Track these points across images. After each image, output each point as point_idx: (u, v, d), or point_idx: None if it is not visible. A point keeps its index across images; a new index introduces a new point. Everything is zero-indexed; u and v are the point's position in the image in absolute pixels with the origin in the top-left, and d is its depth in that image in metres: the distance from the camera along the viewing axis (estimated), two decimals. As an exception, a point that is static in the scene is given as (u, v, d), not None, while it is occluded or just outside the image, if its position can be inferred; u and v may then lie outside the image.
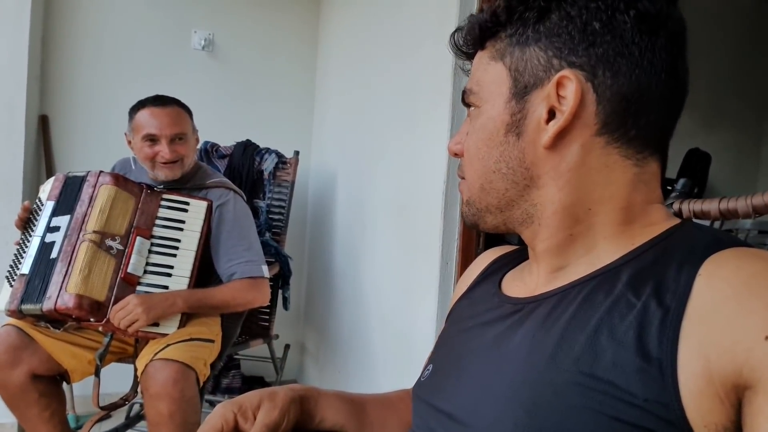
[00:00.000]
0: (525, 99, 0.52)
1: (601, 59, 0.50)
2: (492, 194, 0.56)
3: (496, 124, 0.54)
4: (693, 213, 0.72)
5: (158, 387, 1.33)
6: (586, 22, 0.50)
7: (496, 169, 0.54)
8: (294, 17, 2.60)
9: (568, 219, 0.53)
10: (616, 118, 0.50)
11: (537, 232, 0.55)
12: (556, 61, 0.51)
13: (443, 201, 1.41)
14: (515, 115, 0.53)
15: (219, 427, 0.62)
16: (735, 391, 0.40)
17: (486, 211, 0.57)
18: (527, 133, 0.52)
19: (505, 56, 0.54)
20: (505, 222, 0.57)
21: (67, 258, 1.42)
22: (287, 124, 2.60)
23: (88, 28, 2.31)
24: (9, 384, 1.43)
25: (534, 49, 0.52)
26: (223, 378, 2.29)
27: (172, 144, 1.60)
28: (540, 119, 0.52)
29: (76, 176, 1.57)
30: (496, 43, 0.55)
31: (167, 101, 1.65)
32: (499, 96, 0.54)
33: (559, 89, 0.50)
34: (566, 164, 0.52)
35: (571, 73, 0.50)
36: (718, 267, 0.44)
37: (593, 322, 0.47)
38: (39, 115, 2.24)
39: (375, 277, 1.86)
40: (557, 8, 0.51)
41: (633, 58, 0.49)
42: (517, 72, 0.53)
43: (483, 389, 0.53)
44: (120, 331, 1.43)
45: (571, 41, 0.50)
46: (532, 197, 0.54)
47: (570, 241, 0.53)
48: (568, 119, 0.50)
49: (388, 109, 1.80)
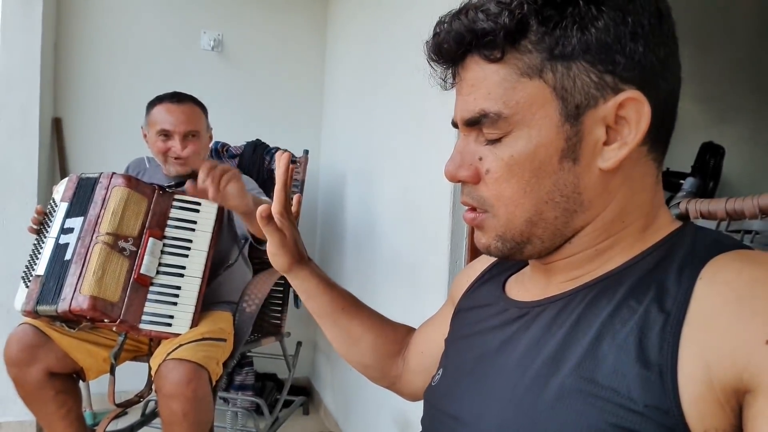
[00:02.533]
0: (579, 121, 0.48)
1: (650, 70, 0.47)
2: (540, 225, 0.51)
3: (548, 151, 0.48)
4: (700, 213, 0.72)
5: (171, 387, 1.35)
6: (633, 31, 0.46)
7: (549, 200, 0.50)
8: (303, 17, 2.60)
9: (602, 234, 0.51)
10: (658, 125, 0.49)
11: (564, 251, 0.53)
12: (609, 77, 0.46)
13: (451, 200, 1.41)
14: (570, 139, 0.48)
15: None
16: (735, 396, 0.40)
17: (527, 243, 0.52)
18: (584, 157, 0.48)
19: (545, 72, 0.47)
20: (541, 252, 0.53)
21: (81, 260, 1.44)
22: (296, 124, 2.61)
23: (99, 32, 2.34)
24: (26, 382, 1.46)
25: (581, 63, 0.46)
26: (236, 375, 2.31)
27: (185, 140, 1.64)
28: (597, 141, 0.48)
29: (89, 178, 1.59)
30: (523, 56, 0.48)
31: (183, 98, 1.68)
32: (546, 119, 0.48)
33: (620, 109, 0.47)
34: (617, 180, 0.49)
35: (637, 95, 0.46)
36: (719, 271, 0.43)
37: (595, 328, 0.47)
38: (52, 117, 2.28)
39: (385, 275, 1.87)
40: (600, 16, 0.46)
41: (668, 63, 0.48)
42: (565, 91, 0.47)
43: (489, 393, 0.53)
44: (133, 330, 1.46)
45: (621, 53, 0.46)
46: (576, 222, 0.51)
47: (594, 255, 0.52)
48: (639, 141, 0.47)
49: (397, 108, 1.80)
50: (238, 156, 2.21)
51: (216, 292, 1.69)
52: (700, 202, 0.73)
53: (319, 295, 0.79)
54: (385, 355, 0.81)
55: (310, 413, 2.52)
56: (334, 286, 0.81)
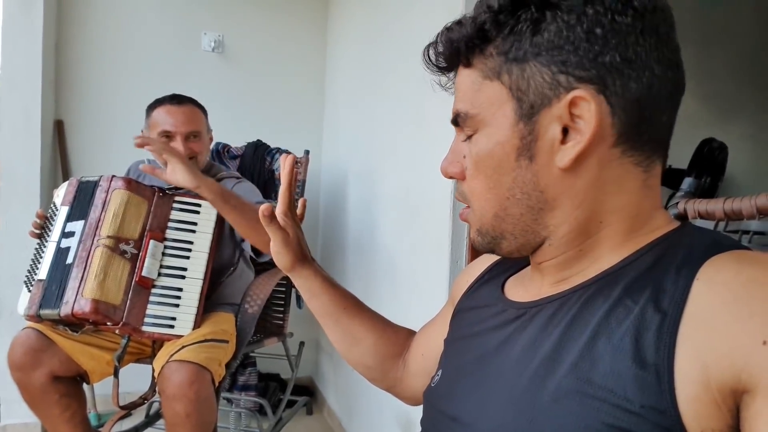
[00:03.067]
0: (533, 120, 0.49)
1: (609, 69, 0.47)
2: (507, 221, 0.53)
3: (505, 149, 0.51)
4: (698, 213, 0.72)
5: (174, 388, 1.35)
6: (587, 30, 0.46)
7: (510, 196, 0.52)
8: (303, 18, 2.60)
9: (579, 236, 0.52)
10: (632, 126, 0.48)
11: (546, 252, 0.54)
12: (562, 77, 0.47)
13: (451, 200, 1.41)
14: (525, 138, 0.50)
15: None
16: (732, 396, 0.40)
17: (501, 238, 0.55)
18: (540, 156, 0.50)
19: (502, 74, 0.50)
20: (519, 248, 0.55)
21: (83, 263, 1.45)
22: (297, 124, 2.61)
23: (101, 34, 2.34)
24: (30, 386, 1.47)
25: (534, 64, 0.48)
26: (239, 375, 2.32)
27: (187, 141, 1.64)
28: (554, 140, 0.49)
29: (89, 181, 1.59)
30: (486, 60, 0.51)
31: (183, 100, 1.69)
32: (503, 118, 0.50)
33: (572, 108, 0.48)
34: (583, 181, 0.49)
35: (584, 93, 0.47)
36: (716, 271, 0.43)
37: (591, 327, 0.47)
38: (54, 120, 2.29)
39: (386, 275, 1.87)
40: (553, 18, 0.47)
41: (640, 61, 0.47)
42: (520, 91, 0.49)
43: (487, 394, 0.53)
44: (135, 332, 1.46)
45: (575, 53, 0.47)
46: (546, 220, 0.52)
47: (578, 255, 0.53)
48: (589, 140, 0.47)
49: (397, 109, 1.80)
50: (239, 157, 2.22)
51: (218, 293, 1.70)
52: (698, 203, 0.73)
53: (321, 295, 0.80)
54: (385, 356, 0.81)
55: (313, 413, 2.53)
56: (336, 286, 0.82)
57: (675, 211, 0.76)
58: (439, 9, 1.48)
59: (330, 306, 0.80)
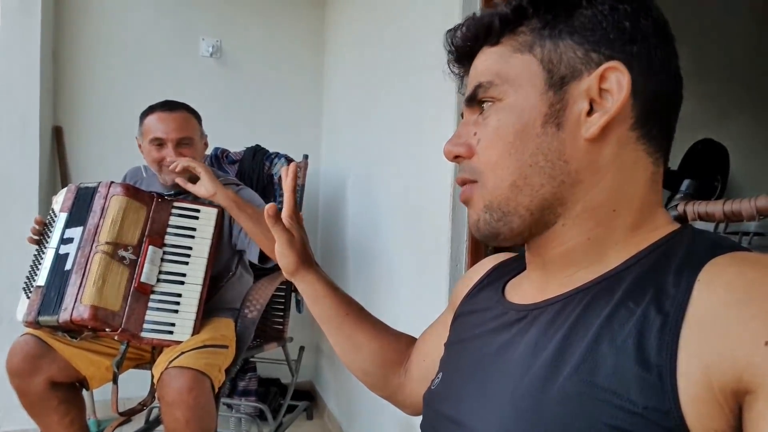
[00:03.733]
0: (564, 90, 0.51)
1: (635, 56, 0.50)
2: (525, 191, 0.52)
3: (532, 114, 0.51)
4: (697, 215, 0.72)
5: (173, 395, 1.35)
6: (618, 21, 0.50)
7: (533, 162, 0.51)
8: (300, 23, 2.61)
9: (591, 219, 0.52)
10: (646, 114, 0.51)
11: (555, 236, 0.53)
12: (594, 54, 0.50)
13: (451, 202, 1.41)
14: (554, 105, 0.51)
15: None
16: (735, 397, 0.40)
17: (514, 214, 0.53)
18: (568, 125, 0.51)
19: (534, 48, 0.52)
20: (531, 227, 0.53)
21: (81, 269, 1.45)
22: (296, 129, 2.62)
23: (99, 39, 2.34)
24: (29, 392, 1.46)
25: (568, 42, 0.51)
26: (239, 381, 2.31)
27: (178, 148, 1.62)
28: (581, 112, 0.50)
29: (88, 187, 1.59)
30: (517, 36, 0.53)
31: (175, 106, 1.67)
32: (532, 87, 0.52)
33: (602, 82, 0.50)
34: (604, 158, 0.51)
35: (618, 65, 0.49)
36: (717, 273, 0.43)
37: (594, 330, 0.47)
38: (53, 126, 2.29)
39: (386, 279, 1.87)
40: (588, 5, 0.51)
41: (658, 60, 0.50)
42: (551, 63, 0.51)
43: (488, 397, 0.53)
44: (134, 338, 1.46)
45: (606, 36, 0.50)
46: (565, 195, 0.52)
47: (586, 246, 0.53)
48: (618, 109, 0.49)
49: (395, 112, 1.80)
50: (238, 162, 2.21)
51: (217, 298, 1.70)
52: (698, 204, 0.73)
53: (324, 300, 0.80)
54: (386, 363, 0.81)
55: (313, 418, 2.52)
56: (339, 291, 0.82)
57: (675, 213, 0.76)
58: (436, 13, 1.48)
59: (332, 311, 0.80)
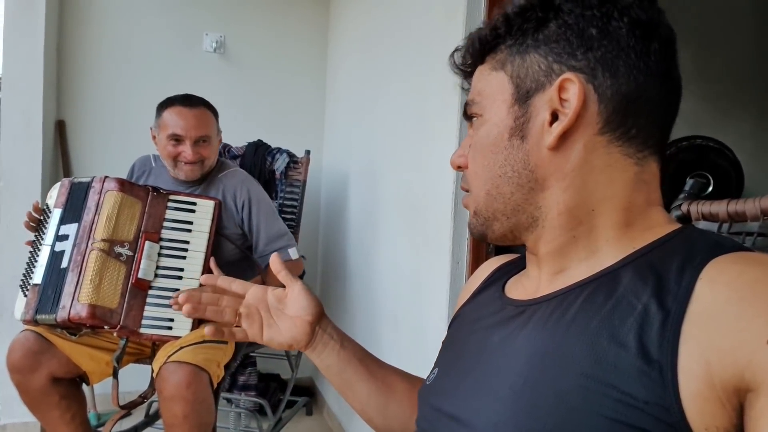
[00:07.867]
0: (528, 103, 0.53)
1: (599, 61, 0.51)
2: (498, 199, 0.56)
3: (500, 129, 0.55)
4: (701, 215, 0.71)
5: (172, 389, 1.35)
6: (582, 29, 0.51)
7: (501, 173, 0.55)
8: (304, 19, 2.60)
9: (571, 220, 0.53)
10: (618, 117, 0.51)
11: (541, 235, 0.55)
12: (556, 66, 0.52)
13: (453, 201, 1.40)
14: (519, 119, 0.54)
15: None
16: (736, 395, 0.40)
17: (493, 219, 0.57)
18: (531, 136, 0.53)
19: (506, 65, 0.55)
20: (512, 229, 0.57)
21: (78, 267, 1.43)
22: (298, 124, 2.61)
23: (102, 34, 2.34)
24: (30, 388, 1.46)
25: (534, 56, 0.53)
26: (239, 375, 2.31)
27: (196, 146, 1.62)
28: (544, 122, 0.52)
29: (81, 182, 1.56)
30: (496, 55, 0.57)
31: (195, 102, 1.66)
32: (502, 103, 0.55)
33: (562, 92, 0.51)
34: (570, 164, 0.52)
35: (572, 76, 0.51)
36: (719, 271, 0.43)
37: (594, 324, 0.47)
38: (56, 120, 2.29)
39: (387, 276, 1.87)
40: (555, 18, 0.53)
41: (630, 61, 0.51)
42: (519, 78, 0.54)
43: (486, 392, 0.53)
44: (133, 335, 1.45)
45: (569, 46, 0.52)
46: (537, 200, 0.54)
47: (572, 242, 0.54)
48: (572, 119, 0.51)
49: (398, 109, 1.79)
50: (240, 157, 2.21)
51: (217, 294, 1.69)
52: (701, 204, 0.72)
53: (344, 370, 0.75)
54: (402, 415, 0.75)
55: (313, 414, 2.52)
56: (354, 349, 0.76)
57: (678, 212, 0.75)
58: (439, 9, 1.47)
59: (353, 375, 0.75)
